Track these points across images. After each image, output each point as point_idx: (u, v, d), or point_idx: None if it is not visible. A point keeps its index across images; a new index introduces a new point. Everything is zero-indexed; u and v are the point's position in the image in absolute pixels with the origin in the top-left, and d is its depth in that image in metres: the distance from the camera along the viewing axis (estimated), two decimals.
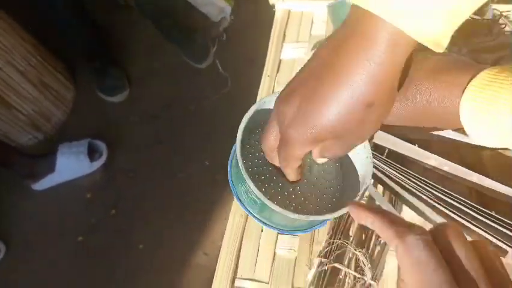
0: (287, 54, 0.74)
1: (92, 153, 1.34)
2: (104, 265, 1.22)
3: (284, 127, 0.29)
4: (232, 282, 0.52)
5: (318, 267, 0.47)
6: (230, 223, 0.57)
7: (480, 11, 0.57)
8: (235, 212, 0.57)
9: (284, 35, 0.77)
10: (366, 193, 0.46)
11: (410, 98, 0.34)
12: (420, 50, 0.29)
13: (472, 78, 0.30)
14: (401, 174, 0.46)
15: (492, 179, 0.45)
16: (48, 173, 1.31)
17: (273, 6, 0.82)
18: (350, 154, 0.42)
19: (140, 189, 1.34)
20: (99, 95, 1.55)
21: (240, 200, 0.42)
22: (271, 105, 0.37)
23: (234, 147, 0.42)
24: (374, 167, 0.49)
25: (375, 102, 0.26)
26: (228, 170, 0.44)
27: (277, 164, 0.34)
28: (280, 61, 0.74)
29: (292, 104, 0.28)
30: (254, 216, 0.41)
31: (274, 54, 0.74)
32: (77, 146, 1.31)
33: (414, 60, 0.35)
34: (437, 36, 0.24)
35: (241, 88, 1.50)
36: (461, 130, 0.32)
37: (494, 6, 0.61)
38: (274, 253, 0.53)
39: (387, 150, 0.49)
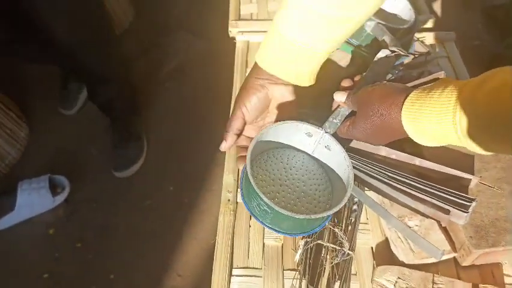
0: None
1: (54, 188, 1.31)
2: None
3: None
4: (230, 271, 0.59)
5: (304, 246, 0.56)
6: (221, 223, 0.64)
7: (405, 46, 0.72)
8: (224, 213, 0.65)
9: (246, 61, 0.89)
10: None
11: (368, 117, 0.47)
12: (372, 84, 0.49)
13: (405, 98, 0.43)
14: (360, 163, 0.57)
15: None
16: (7, 212, 1.25)
17: (233, 39, 0.94)
18: (335, 168, 0.54)
19: (106, 220, 1.33)
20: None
21: (253, 214, 0.51)
22: (267, 138, 0.53)
23: (242, 174, 0.53)
24: None
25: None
26: (240, 192, 0.54)
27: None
28: None
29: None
30: (267, 226, 0.50)
31: (240, 78, 0.85)
32: (37, 182, 1.28)
33: (368, 90, 0.49)
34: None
35: (198, 114, 1.59)
36: None
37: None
38: (264, 243, 0.62)
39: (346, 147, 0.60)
